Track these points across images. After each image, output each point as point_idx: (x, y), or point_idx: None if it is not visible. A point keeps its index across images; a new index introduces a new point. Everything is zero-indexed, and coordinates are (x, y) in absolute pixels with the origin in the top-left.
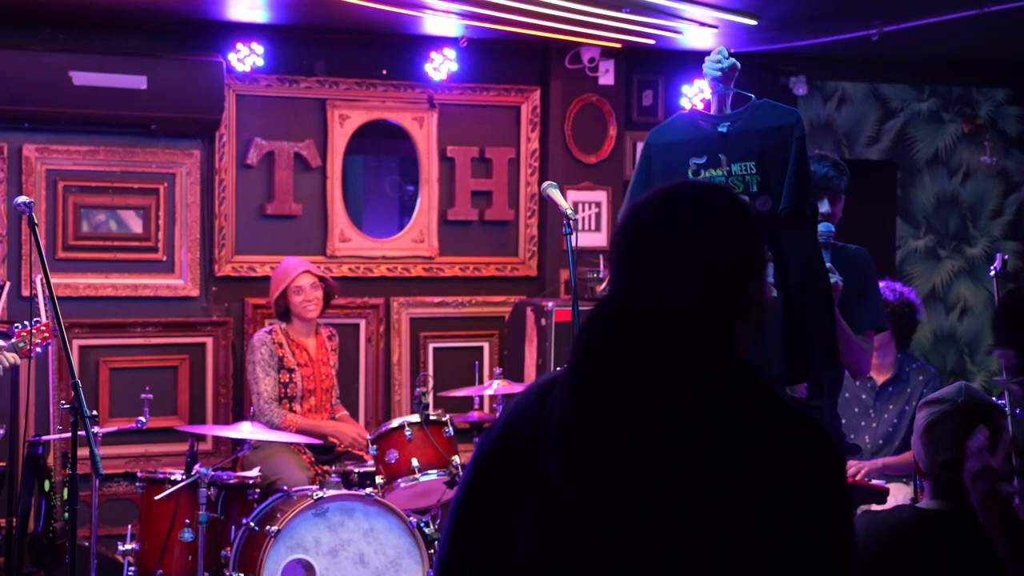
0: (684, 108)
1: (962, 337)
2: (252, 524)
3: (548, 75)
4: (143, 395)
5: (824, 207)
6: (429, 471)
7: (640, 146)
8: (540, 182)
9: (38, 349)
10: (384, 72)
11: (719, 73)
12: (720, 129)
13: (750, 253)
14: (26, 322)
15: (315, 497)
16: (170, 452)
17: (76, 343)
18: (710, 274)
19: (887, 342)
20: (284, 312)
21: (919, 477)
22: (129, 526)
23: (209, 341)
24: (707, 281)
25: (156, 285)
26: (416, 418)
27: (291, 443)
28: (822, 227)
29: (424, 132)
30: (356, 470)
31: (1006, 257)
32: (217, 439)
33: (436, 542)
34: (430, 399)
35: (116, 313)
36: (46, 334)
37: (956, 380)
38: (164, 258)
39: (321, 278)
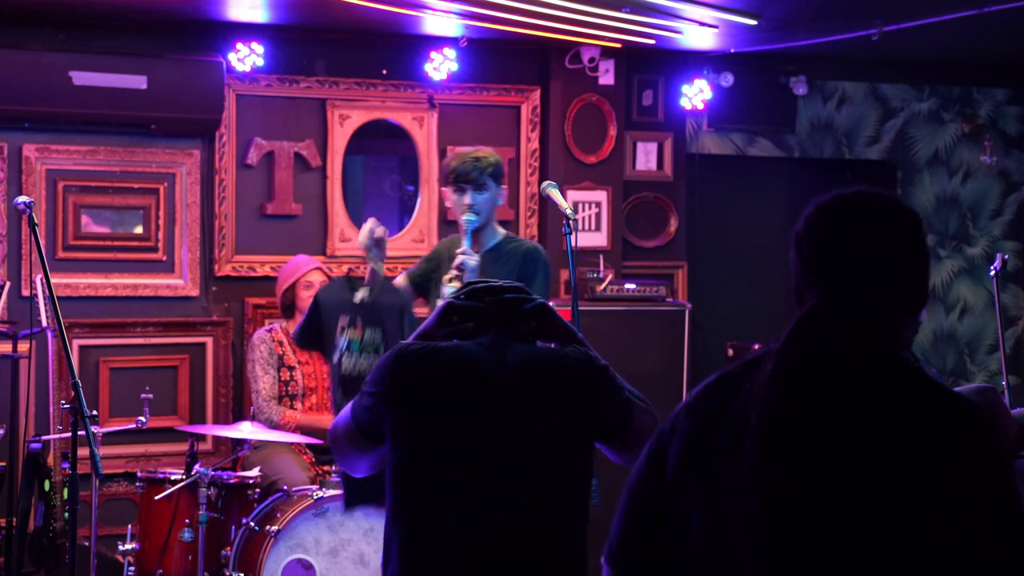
0: (684, 107)
1: (962, 337)
2: (252, 524)
3: (548, 75)
4: (143, 395)
5: (469, 198)
6: None
7: (640, 146)
8: (540, 182)
9: None
10: (384, 72)
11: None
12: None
13: (928, 256)
14: None
15: (315, 497)
16: (170, 452)
17: (76, 343)
18: (912, 276)
19: None
20: (289, 306)
21: None
22: (129, 526)
23: (209, 341)
24: (908, 283)
25: (156, 285)
26: None
27: (291, 443)
28: (467, 217)
29: (424, 132)
30: None
31: (1006, 257)
32: (217, 439)
33: None
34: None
35: (116, 313)
36: None
37: (955, 380)
38: (164, 258)
39: (330, 277)
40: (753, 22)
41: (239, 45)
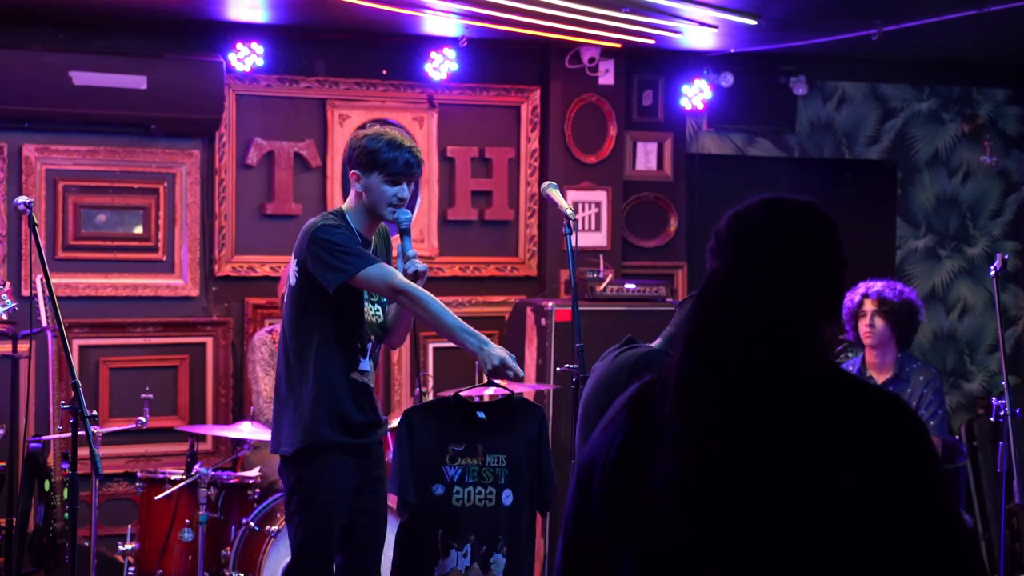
0: (684, 107)
1: (962, 337)
2: (252, 524)
3: (548, 75)
4: (143, 395)
5: (404, 192)
6: None
7: (640, 146)
8: (540, 182)
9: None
10: (384, 72)
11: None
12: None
13: (842, 259)
14: None
15: None
16: (170, 452)
17: (76, 343)
18: (819, 276)
19: (887, 341)
20: None
21: None
22: (129, 526)
23: (209, 341)
24: (816, 282)
25: (156, 285)
26: None
27: None
28: (401, 213)
29: (424, 132)
30: None
31: (1006, 257)
32: (217, 439)
33: None
34: (430, 399)
35: (116, 313)
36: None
37: (955, 380)
38: (164, 258)
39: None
40: (753, 22)
41: (239, 45)
